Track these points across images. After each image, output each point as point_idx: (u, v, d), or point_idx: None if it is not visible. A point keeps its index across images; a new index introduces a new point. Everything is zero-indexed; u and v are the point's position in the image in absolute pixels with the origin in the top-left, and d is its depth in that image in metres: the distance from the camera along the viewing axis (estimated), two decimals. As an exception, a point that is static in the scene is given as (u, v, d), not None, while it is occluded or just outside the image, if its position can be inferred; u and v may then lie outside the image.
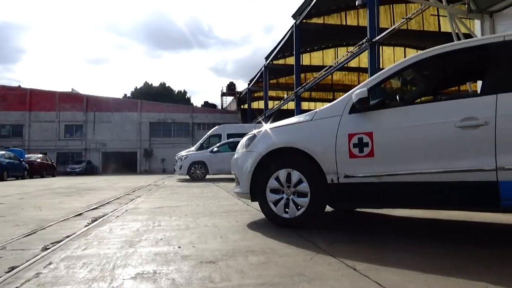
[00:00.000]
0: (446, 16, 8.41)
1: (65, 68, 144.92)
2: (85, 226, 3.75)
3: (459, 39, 7.76)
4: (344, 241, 2.89)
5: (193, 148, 16.78)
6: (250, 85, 37.92)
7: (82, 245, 2.87)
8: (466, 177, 2.66)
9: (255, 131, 3.86)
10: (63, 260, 2.42)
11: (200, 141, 17.23)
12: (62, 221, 4.10)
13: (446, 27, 19.25)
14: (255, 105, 41.89)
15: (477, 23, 7.99)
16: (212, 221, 3.89)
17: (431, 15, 23.14)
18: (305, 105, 34.42)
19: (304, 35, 23.72)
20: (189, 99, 61.42)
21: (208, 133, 18.11)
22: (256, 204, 3.84)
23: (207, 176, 14.54)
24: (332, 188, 3.16)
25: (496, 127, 2.59)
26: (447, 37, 8.91)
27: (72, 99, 40.40)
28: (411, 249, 2.63)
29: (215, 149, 14.43)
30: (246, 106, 41.75)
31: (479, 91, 3.14)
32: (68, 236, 3.21)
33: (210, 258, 2.42)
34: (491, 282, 1.90)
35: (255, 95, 40.79)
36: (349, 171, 3.08)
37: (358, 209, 4.55)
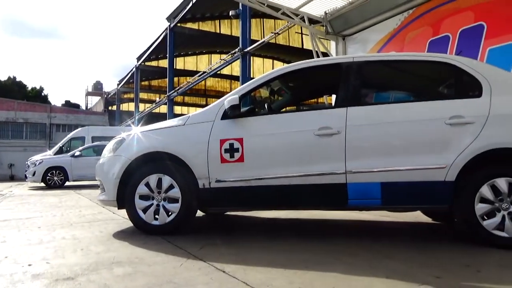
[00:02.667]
0: (308, 35, 9.34)
1: None
2: None
3: (318, 56, 8.70)
4: (215, 244, 2.93)
5: (50, 152, 14.94)
6: (120, 86, 35.77)
7: None
8: (322, 180, 2.98)
9: (123, 135, 3.64)
10: None
11: (59, 144, 15.45)
12: None
13: (308, 44, 21.35)
14: (125, 107, 39.66)
15: (333, 43, 9.07)
16: (71, 232, 3.52)
17: (296, 32, 25.39)
18: (178, 109, 34.02)
19: (178, 38, 23.49)
20: (46, 97, 54.60)
21: (70, 135, 16.36)
22: (123, 212, 3.61)
23: (67, 183, 13.11)
24: (204, 193, 3.18)
25: (346, 136, 2.98)
26: (309, 54, 9.90)
27: None
28: (276, 248, 2.81)
29: (77, 153, 13.11)
30: (114, 107, 39.18)
31: (333, 104, 3.56)
32: None
33: (68, 274, 2.18)
34: (340, 272, 2.16)
35: (125, 96, 38.62)
36: (221, 175, 3.14)
37: (228, 213, 4.68)
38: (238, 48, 15.11)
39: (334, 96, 4.43)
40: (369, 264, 2.33)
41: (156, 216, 3.26)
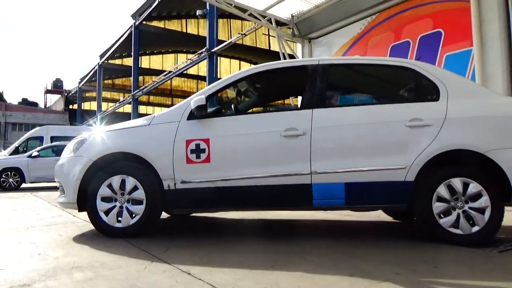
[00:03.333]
0: (275, 37, 9.43)
1: None
2: None
3: (285, 58, 8.80)
4: (180, 246, 2.89)
5: (5, 152, 14.18)
6: (82, 84, 34.56)
7: None
8: (288, 181, 3.02)
9: (85, 134, 3.51)
10: None
11: (15, 144, 14.69)
12: None
13: (275, 46, 21.54)
14: (87, 106, 38.36)
15: (299, 46, 9.21)
16: (28, 237, 3.35)
17: (263, 34, 25.56)
18: (142, 109, 33.34)
19: (143, 37, 23.02)
20: (1, 94, 51.85)
21: (27, 135, 15.59)
22: (84, 215, 3.49)
23: (24, 185, 12.49)
24: (169, 194, 3.12)
25: (311, 137, 3.03)
26: (276, 56, 9.98)
27: None
28: (242, 249, 2.81)
29: (35, 153, 12.50)
30: (75, 106, 37.79)
31: (299, 106, 3.61)
32: None
33: (23, 280, 2.07)
34: (305, 271, 2.19)
35: (87, 95, 37.36)
36: (186, 177, 3.10)
37: (194, 214, 4.63)
38: (205, 48, 15.01)
39: (300, 98, 4.49)
40: (334, 263, 2.38)
41: (119, 219, 3.17)
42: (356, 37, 7.79)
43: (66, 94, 40.72)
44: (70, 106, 39.65)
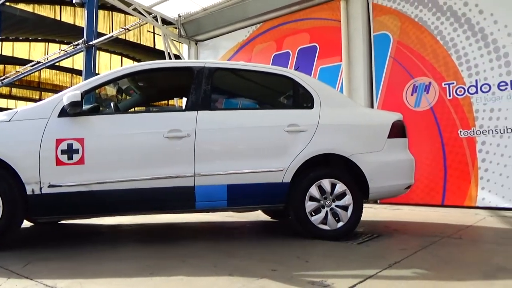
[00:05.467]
0: (161, 35, 9.16)
1: None
2: None
3: (170, 58, 8.61)
4: (45, 259, 2.58)
5: None
6: None
7: None
8: (170, 183, 2.95)
9: None
10: None
11: None
12: None
13: (160, 45, 20.95)
14: None
15: (185, 47, 9.12)
16: None
17: (147, 31, 24.61)
18: (3, 102, 29.03)
19: (7, 19, 20.01)
20: None
21: None
22: None
23: None
24: (33, 199, 2.76)
25: (195, 139, 3.01)
26: (161, 54, 9.71)
27: None
28: (119, 257, 2.65)
29: None
30: None
31: (184, 107, 3.57)
32: None
33: None
34: (186, 274, 2.17)
35: None
36: (55, 180, 2.79)
37: (64, 222, 4.19)
38: (82, 40, 13.76)
39: (185, 99, 4.44)
40: (214, 264, 2.40)
41: (-33, 230, 2.68)
42: (241, 43, 8.05)
43: None
44: None
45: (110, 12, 23.68)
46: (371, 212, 4.89)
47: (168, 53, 8.70)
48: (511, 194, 4.93)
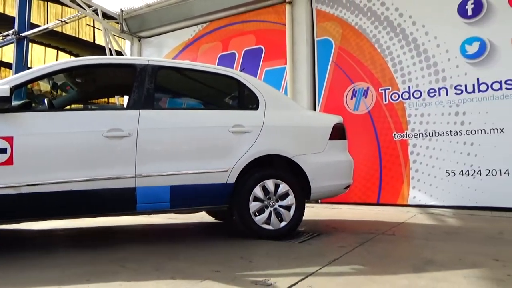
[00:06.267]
0: (101, 30, 8.74)
1: None
2: None
3: (111, 54, 8.25)
4: (-34, 268, 2.35)
5: None
6: None
7: None
8: (110, 185, 2.82)
9: None
10: None
11: None
12: None
13: (100, 40, 20.04)
14: None
15: (128, 43, 8.79)
16: None
17: (87, 24, 23.38)
18: None
19: None
20: None
21: None
22: None
23: None
24: (-48, 203, 2.50)
25: (137, 139, 2.91)
26: (101, 50, 9.27)
27: None
28: (51, 264, 2.48)
29: None
30: None
31: (125, 106, 3.43)
32: None
33: None
34: (125, 279, 2.08)
35: None
36: (-22, 181, 2.55)
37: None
38: (13, 30, 12.76)
39: (126, 98, 4.28)
40: (155, 267, 2.34)
41: None
42: (187, 42, 7.94)
43: None
44: None
45: (46, 2, 22.22)
46: (312, 212, 5.05)
47: (109, 49, 8.33)
48: (438, 192, 5.34)
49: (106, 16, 8.42)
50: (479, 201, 5.05)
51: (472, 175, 5.14)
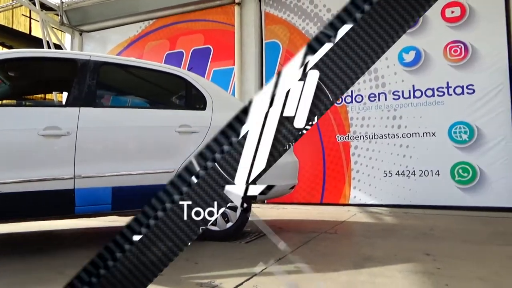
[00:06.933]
0: (38, 21, 8.20)
1: None
2: None
3: (49, 47, 7.76)
4: None
5: None
6: None
7: None
8: (46, 187, 2.65)
9: None
10: None
11: None
12: None
13: (37, 32, 18.77)
14: None
15: (68, 36, 8.32)
16: None
17: (22, 14, 21.79)
18: None
19: None
20: None
21: None
22: None
23: None
24: None
25: (77, 138, 2.77)
26: (38, 43, 8.67)
27: None
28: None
29: None
30: None
31: (64, 102, 3.25)
32: None
33: None
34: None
35: None
36: None
37: None
38: None
39: (65, 94, 4.05)
40: (96, 273, 2.24)
41: None
42: (132, 38, 7.68)
43: None
44: None
45: (-26, -13, 20.36)
46: (258, 212, 5.11)
47: (47, 42, 7.83)
48: (376, 192, 5.65)
49: (45, 6, 7.89)
50: (413, 200, 5.42)
51: (407, 176, 5.50)
